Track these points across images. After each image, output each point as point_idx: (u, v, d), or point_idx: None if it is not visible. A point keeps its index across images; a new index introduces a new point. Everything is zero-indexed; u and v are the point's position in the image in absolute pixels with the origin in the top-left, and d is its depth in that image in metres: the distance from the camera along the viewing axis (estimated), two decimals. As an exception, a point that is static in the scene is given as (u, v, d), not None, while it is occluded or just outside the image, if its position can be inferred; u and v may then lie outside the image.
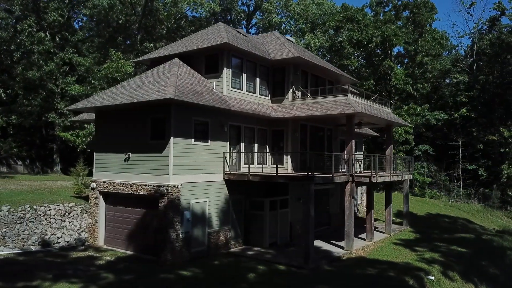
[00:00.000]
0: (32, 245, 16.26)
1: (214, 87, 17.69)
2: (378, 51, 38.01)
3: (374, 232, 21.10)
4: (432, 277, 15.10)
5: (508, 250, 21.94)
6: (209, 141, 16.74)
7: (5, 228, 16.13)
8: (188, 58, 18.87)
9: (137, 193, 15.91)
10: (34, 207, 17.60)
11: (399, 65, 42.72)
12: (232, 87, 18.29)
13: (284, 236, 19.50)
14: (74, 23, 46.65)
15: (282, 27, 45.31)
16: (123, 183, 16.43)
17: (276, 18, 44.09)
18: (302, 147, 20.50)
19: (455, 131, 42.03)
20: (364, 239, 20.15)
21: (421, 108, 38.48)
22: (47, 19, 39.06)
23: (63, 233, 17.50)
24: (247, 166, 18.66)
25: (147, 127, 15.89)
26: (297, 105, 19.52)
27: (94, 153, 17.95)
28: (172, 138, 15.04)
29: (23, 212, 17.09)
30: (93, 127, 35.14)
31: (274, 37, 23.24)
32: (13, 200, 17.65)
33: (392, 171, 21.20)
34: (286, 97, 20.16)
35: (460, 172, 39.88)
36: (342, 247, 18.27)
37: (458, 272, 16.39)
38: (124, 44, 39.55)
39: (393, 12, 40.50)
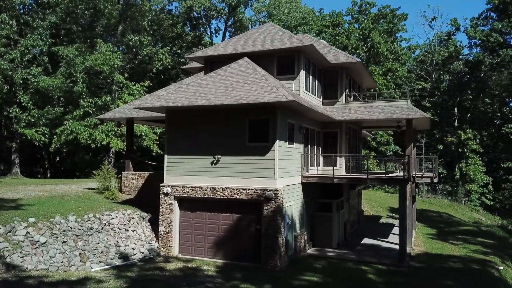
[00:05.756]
0: (113, 259, 14.59)
1: (293, 89, 17.54)
2: (369, 57, 40.27)
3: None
4: (501, 267, 16.87)
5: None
6: (294, 143, 16.60)
7: (80, 241, 14.26)
8: (253, 57, 18.33)
9: (232, 197, 15.17)
10: (97, 215, 15.86)
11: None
12: (305, 90, 18.28)
13: (342, 236, 20.02)
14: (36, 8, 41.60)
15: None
16: (212, 187, 15.51)
17: (253, 18, 44.15)
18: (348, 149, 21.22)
19: (419, 132, 46.26)
20: (404, 235, 21.49)
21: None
22: (9, 0, 34.28)
23: (134, 244, 15.96)
24: (313, 168, 18.96)
25: (244, 130, 15.21)
26: (354, 108, 20.12)
27: (166, 156, 16.59)
28: (277, 141, 14.68)
29: (89, 222, 15.29)
30: (77, 124, 31.95)
31: (312, 40, 23.48)
32: (69, 208, 15.65)
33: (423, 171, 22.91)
34: (339, 100, 20.62)
35: (424, 170, 43.91)
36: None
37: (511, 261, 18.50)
38: (104, 35, 36.39)
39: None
